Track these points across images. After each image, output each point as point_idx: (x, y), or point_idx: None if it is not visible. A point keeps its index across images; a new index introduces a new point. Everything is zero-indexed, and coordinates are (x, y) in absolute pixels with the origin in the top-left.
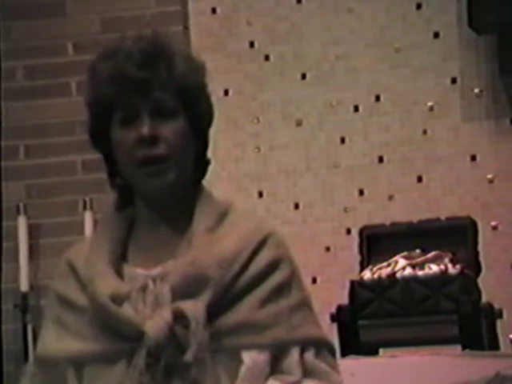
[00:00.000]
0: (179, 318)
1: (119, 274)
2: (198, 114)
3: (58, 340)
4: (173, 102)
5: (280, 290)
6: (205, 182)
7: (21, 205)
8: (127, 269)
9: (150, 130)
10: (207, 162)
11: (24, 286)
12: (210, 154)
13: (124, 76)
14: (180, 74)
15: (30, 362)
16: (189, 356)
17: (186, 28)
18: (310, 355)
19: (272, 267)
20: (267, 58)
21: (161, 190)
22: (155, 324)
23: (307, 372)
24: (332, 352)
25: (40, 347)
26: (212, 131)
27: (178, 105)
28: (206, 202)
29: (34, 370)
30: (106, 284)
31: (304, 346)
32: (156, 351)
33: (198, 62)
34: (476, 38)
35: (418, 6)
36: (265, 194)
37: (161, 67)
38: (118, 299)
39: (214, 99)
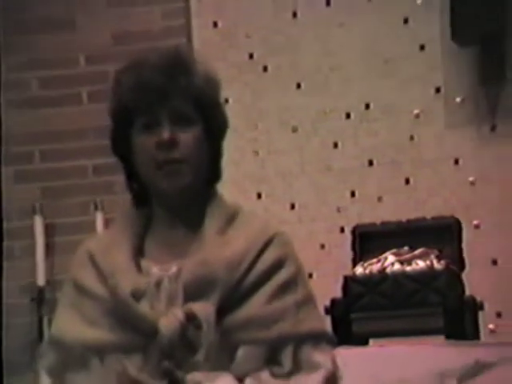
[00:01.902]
0: (191, 318)
1: (138, 268)
2: (213, 123)
3: (72, 325)
4: (191, 111)
5: (286, 287)
6: None
7: (37, 205)
8: (144, 264)
9: (170, 135)
10: (220, 168)
11: (40, 280)
12: None
13: (147, 85)
14: (198, 86)
15: (43, 344)
16: (200, 356)
17: (190, 41)
18: (307, 348)
19: (278, 265)
20: (265, 68)
21: (178, 189)
22: (169, 322)
23: (303, 364)
24: (331, 343)
25: (54, 330)
26: None
27: (195, 114)
28: (217, 205)
29: (46, 349)
30: (127, 279)
31: (304, 339)
32: (168, 349)
33: (215, 77)
34: (458, 50)
35: (405, 21)
36: (263, 195)
37: (181, 78)
38: (137, 295)
39: None
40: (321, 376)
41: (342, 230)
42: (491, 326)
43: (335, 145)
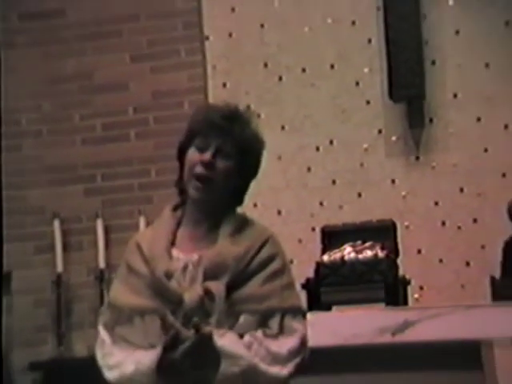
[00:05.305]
0: (207, 292)
1: (170, 255)
2: (245, 166)
3: (123, 294)
4: (232, 151)
5: (275, 275)
6: None
7: (99, 212)
8: (175, 252)
9: (211, 158)
10: (242, 199)
11: (101, 264)
12: None
13: (210, 121)
14: (245, 138)
15: (103, 307)
16: (213, 320)
17: (206, 97)
18: (289, 318)
19: (270, 259)
20: (259, 116)
21: (200, 200)
22: (191, 295)
23: (285, 329)
24: (305, 316)
25: (110, 296)
26: None
27: (235, 154)
28: (232, 216)
29: (103, 310)
30: (162, 263)
31: (287, 311)
32: (190, 314)
33: (261, 137)
34: (393, 105)
35: (357, 83)
36: (258, 205)
37: (235, 127)
38: (168, 275)
39: None
40: (298, 337)
41: (314, 229)
42: (416, 296)
43: (309, 169)
